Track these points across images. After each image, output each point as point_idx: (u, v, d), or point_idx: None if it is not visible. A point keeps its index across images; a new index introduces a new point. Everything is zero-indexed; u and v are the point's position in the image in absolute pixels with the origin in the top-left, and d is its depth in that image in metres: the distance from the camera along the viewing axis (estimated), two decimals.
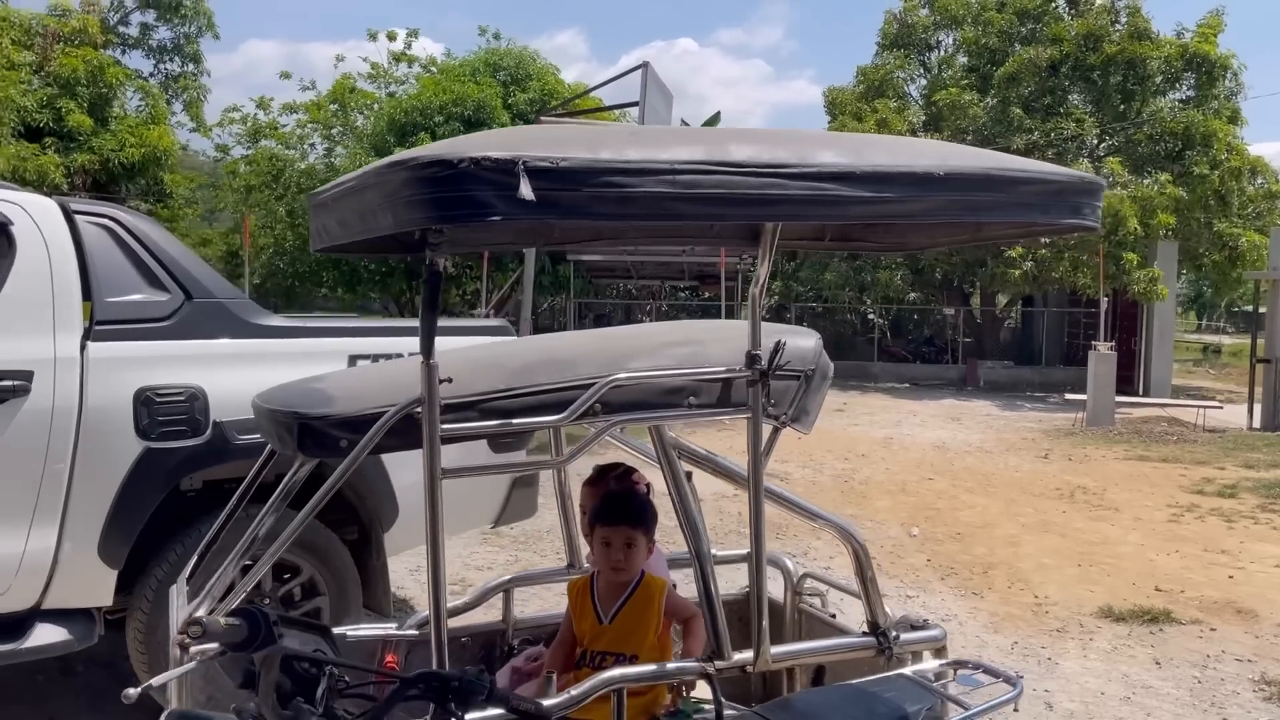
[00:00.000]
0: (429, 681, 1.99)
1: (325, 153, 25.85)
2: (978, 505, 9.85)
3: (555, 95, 23.41)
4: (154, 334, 4.13)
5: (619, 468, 3.19)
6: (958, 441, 14.52)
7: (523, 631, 3.43)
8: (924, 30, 25.07)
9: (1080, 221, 2.15)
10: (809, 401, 2.76)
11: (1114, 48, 21.94)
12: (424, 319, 2.12)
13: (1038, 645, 5.72)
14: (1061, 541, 8.32)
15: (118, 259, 4.14)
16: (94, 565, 3.96)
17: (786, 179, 1.82)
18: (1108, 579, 7.15)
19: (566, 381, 2.46)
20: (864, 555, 2.83)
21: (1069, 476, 11.57)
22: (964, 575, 7.25)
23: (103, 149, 20.48)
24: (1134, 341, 22.28)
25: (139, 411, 3.99)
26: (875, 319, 26.53)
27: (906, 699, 2.23)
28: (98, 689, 4.81)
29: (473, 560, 7.23)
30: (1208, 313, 57.59)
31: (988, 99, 22.93)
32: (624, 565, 2.79)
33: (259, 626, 1.63)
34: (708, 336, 2.78)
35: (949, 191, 1.99)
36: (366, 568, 4.65)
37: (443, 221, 1.66)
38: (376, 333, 4.88)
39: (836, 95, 25.03)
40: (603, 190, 1.70)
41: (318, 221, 2.16)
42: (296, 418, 2.40)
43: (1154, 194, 20.08)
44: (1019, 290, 23.26)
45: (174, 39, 26.68)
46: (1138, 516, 9.37)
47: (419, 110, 22.54)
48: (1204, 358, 37.20)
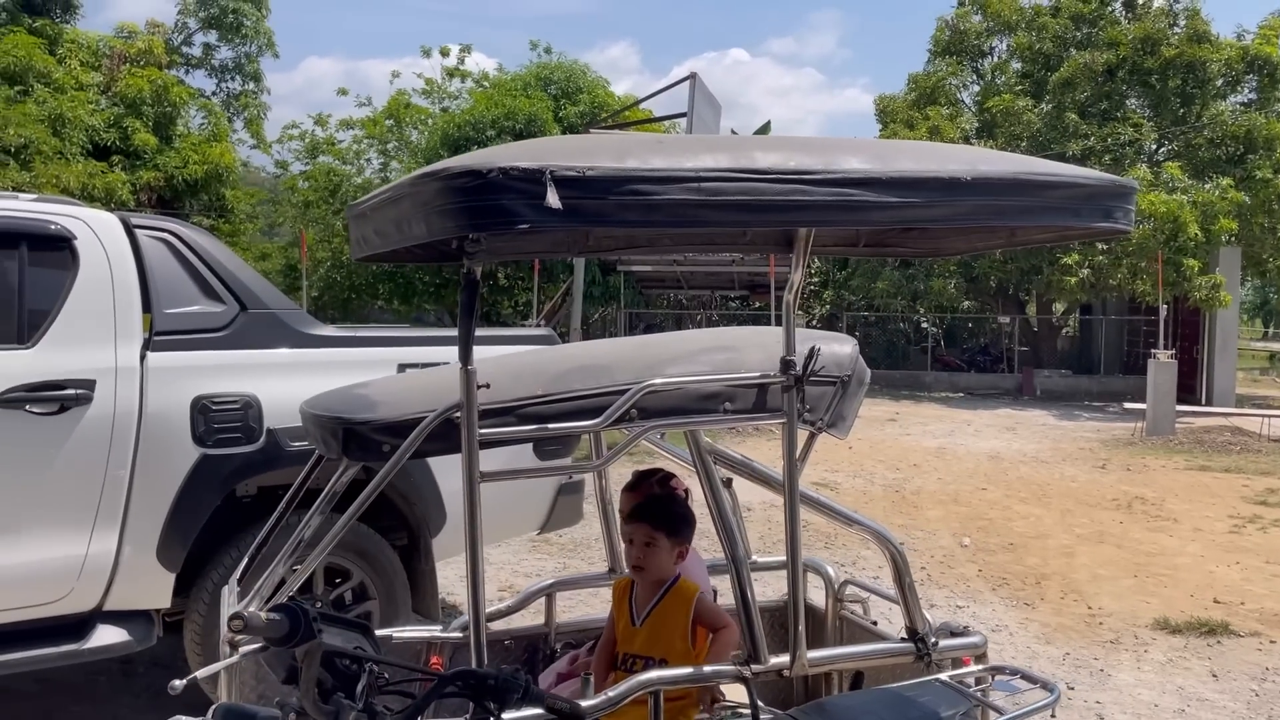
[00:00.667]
0: (466, 679, 2.04)
1: (381, 168, 26.28)
2: (1032, 515, 9.71)
3: (605, 108, 23.57)
4: (210, 344, 4.26)
5: (658, 473, 3.22)
6: (1012, 451, 14.32)
7: (565, 635, 3.47)
8: (977, 36, 24.82)
9: (1112, 225, 2.15)
10: (845, 407, 2.77)
11: (1172, 51, 21.54)
12: (461, 325, 2.18)
13: (1090, 656, 5.63)
14: (1117, 552, 8.17)
15: (176, 271, 4.28)
16: (153, 568, 4.09)
17: (811, 185, 1.85)
18: (1164, 590, 7.01)
19: (603, 387, 2.51)
20: (901, 560, 2.83)
21: (1127, 487, 11.35)
22: (1016, 586, 7.15)
23: (167, 166, 21.04)
24: (1196, 349, 21.78)
25: (196, 419, 4.12)
26: (928, 327, 26.25)
27: (941, 703, 2.23)
28: (158, 690, 4.95)
29: (521, 567, 7.30)
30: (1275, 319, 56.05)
31: (1042, 105, 22.63)
32: (643, 564, 2.82)
33: (299, 622, 1.68)
34: (744, 342, 2.81)
35: (977, 196, 2.00)
36: (415, 573, 4.73)
37: (473, 229, 1.71)
38: (424, 342, 4.97)
39: (888, 103, 24.86)
40: (629, 198, 1.75)
41: (357, 231, 2.23)
42: (341, 423, 2.48)
43: (1215, 199, 19.64)
44: (1076, 298, 22.87)
45: (235, 58, 27.40)
46: (1197, 527, 9.17)
47: (471, 125, 22.83)
48: (1270, 365, 36.23)
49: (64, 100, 19.67)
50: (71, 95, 20.02)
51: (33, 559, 3.85)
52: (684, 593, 2.81)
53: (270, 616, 1.66)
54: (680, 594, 2.81)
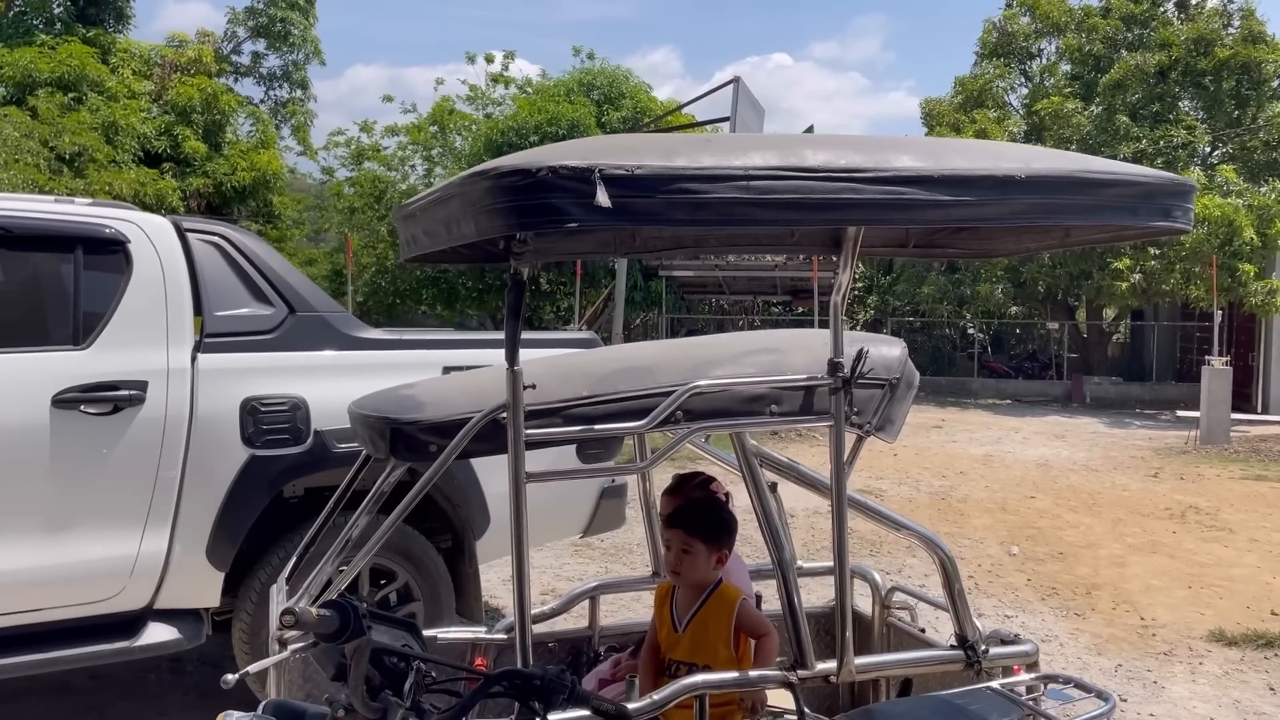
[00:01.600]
0: (512, 679, 2.04)
1: (425, 173, 26.53)
2: (1082, 525, 9.54)
3: (648, 113, 23.61)
4: (259, 346, 4.31)
5: (698, 476, 3.20)
6: (1061, 459, 14.09)
7: (609, 638, 3.47)
8: (1024, 38, 24.52)
9: (1171, 224, 2.09)
10: (894, 410, 2.73)
11: (1226, 52, 21.12)
12: (508, 326, 2.18)
13: (1143, 668, 5.51)
14: (1171, 563, 8.00)
15: (226, 275, 4.34)
16: (203, 567, 4.14)
17: (863, 183, 1.82)
18: (1220, 602, 6.85)
19: (648, 389, 2.50)
20: (951, 567, 2.79)
21: (1180, 496, 11.11)
22: (1066, 595, 7.03)
23: (216, 173, 21.38)
24: (1251, 356, 21.30)
25: (245, 420, 4.17)
26: (975, 333, 25.94)
27: (992, 712, 2.19)
28: (206, 689, 5.01)
29: (563, 571, 7.30)
30: None
31: (1092, 107, 22.29)
32: (680, 570, 2.79)
33: (349, 618, 1.69)
34: (789, 344, 2.78)
35: (1031, 194, 1.96)
36: (459, 575, 4.75)
37: (522, 228, 1.71)
38: (467, 344, 5.00)
39: (933, 106, 24.64)
40: (677, 197, 1.73)
41: (406, 232, 2.24)
42: (389, 423, 2.49)
43: (1271, 202, 19.21)
44: (1127, 303, 22.47)
45: (283, 67, 27.80)
46: (1254, 538, 8.95)
47: (515, 130, 22.97)
48: None
49: (116, 108, 20.06)
50: (124, 103, 20.41)
51: (86, 557, 3.92)
52: (726, 598, 2.78)
53: (321, 613, 1.67)
54: (722, 600, 2.78)
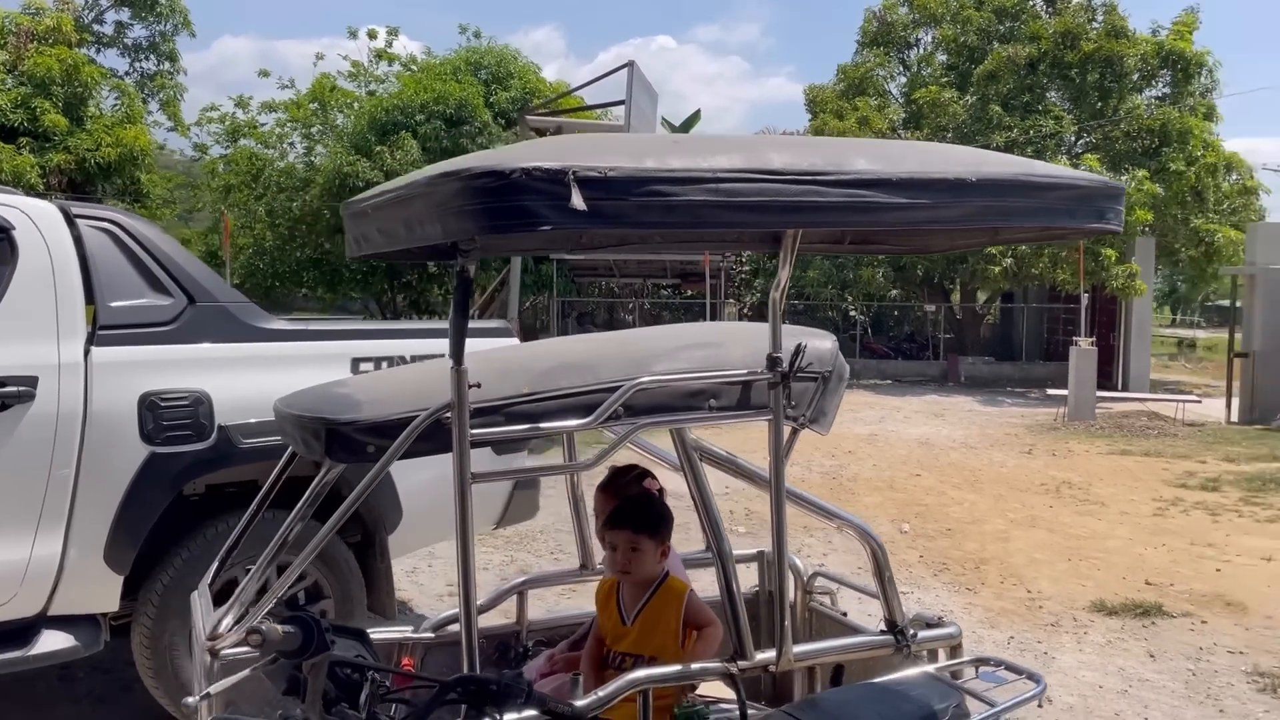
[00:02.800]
0: (467, 685, 2.00)
1: (305, 151, 25.68)
2: (966, 501, 9.93)
3: (537, 94, 23.36)
4: (158, 338, 4.12)
5: (632, 471, 3.20)
6: (942, 437, 14.62)
7: (536, 633, 3.45)
8: (903, 28, 25.18)
9: (1104, 225, 2.19)
10: (827, 403, 2.79)
11: (1091, 45, 22.13)
12: (454, 323, 2.13)
13: (1033, 640, 5.78)
14: (1050, 536, 8.40)
15: (120, 263, 4.13)
16: (100, 571, 3.94)
17: (825, 186, 1.85)
18: (1098, 573, 7.23)
19: (589, 385, 2.48)
20: (882, 554, 2.86)
21: (1054, 471, 11.67)
22: (956, 571, 7.31)
23: (78, 149, 20.24)
24: (1112, 336, 22.49)
25: (144, 416, 3.98)
26: (857, 316, 26.64)
27: (934, 696, 2.26)
28: (99, 695, 4.79)
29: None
30: (1182, 307, 58.18)
31: (967, 97, 23.08)
32: (630, 568, 2.81)
33: (313, 634, 1.64)
34: (725, 339, 2.81)
35: (983, 197, 2.02)
36: (371, 570, 4.65)
37: (494, 231, 1.67)
38: (378, 335, 4.87)
39: (817, 93, 25.11)
40: (648, 199, 1.72)
41: (356, 229, 2.17)
42: (324, 423, 2.41)
43: (1131, 190, 20.27)
44: (999, 286, 23.44)
45: (149, 37, 26.51)
46: (1124, 511, 9.48)
47: (400, 109, 22.42)
48: (1179, 352, 37.60)
49: None
50: None
51: None
52: (675, 591, 2.80)
53: (286, 630, 1.61)
54: (671, 592, 2.80)
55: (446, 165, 1.77)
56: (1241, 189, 22.68)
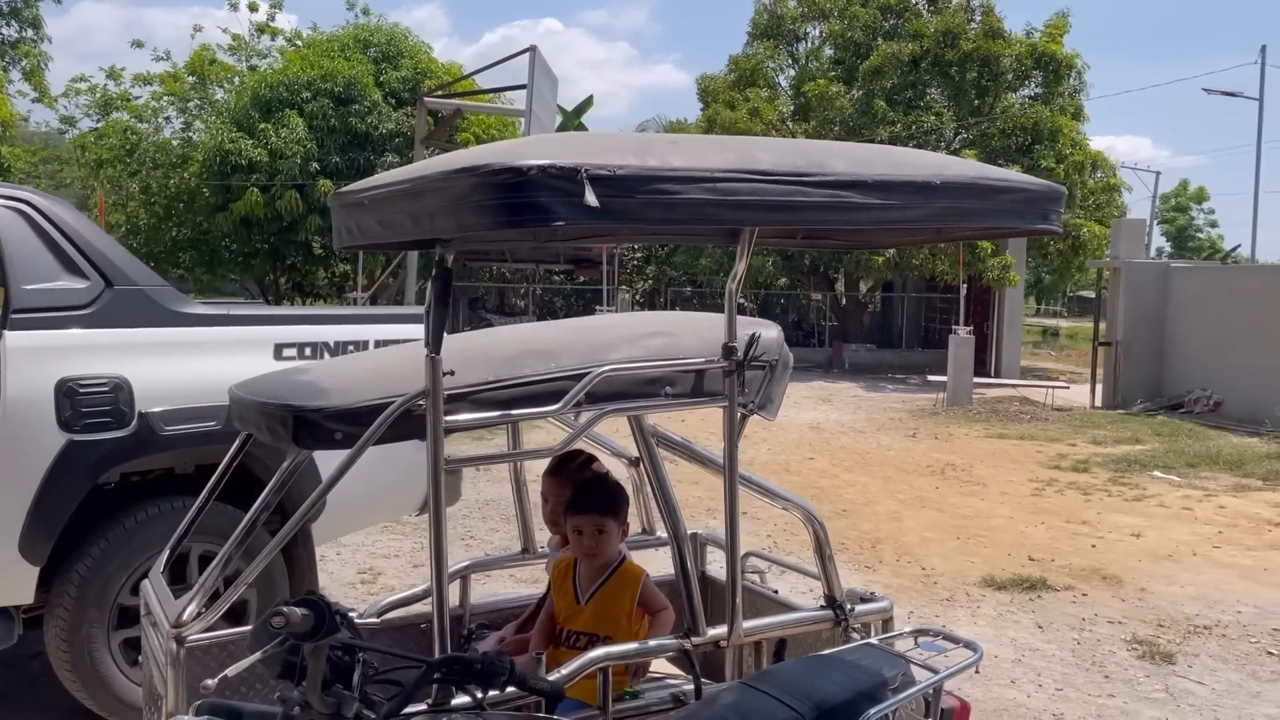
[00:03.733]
0: (452, 665, 2.07)
1: (183, 127, 24.69)
2: (858, 483, 10.31)
3: (429, 74, 23.00)
4: (74, 322, 3.99)
5: (579, 455, 3.28)
6: (831, 422, 15.09)
7: (479, 616, 3.49)
8: (793, 21, 25.67)
9: (1047, 226, 2.37)
10: (773, 390, 2.92)
11: (970, 45, 23.00)
12: (434, 314, 2.17)
13: (931, 614, 6.08)
14: (939, 516, 8.81)
15: (34, 245, 3.98)
16: (15, 562, 3.82)
17: (810, 186, 1.96)
18: (985, 550, 7.63)
19: (554, 372, 2.55)
20: (823, 534, 3.01)
21: (938, 454, 12.20)
22: (855, 550, 7.61)
23: None
24: (987, 326, 23.50)
25: (61, 403, 3.86)
26: (745, 303, 27.13)
27: (882, 665, 2.41)
28: (4, 692, 4.62)
29: (377, 549, 7.17)
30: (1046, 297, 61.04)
31: (853, 91, 23.71)
32: (597, 550, 2.90)
33: (324, 616, 1.67)
34: (678, 328, 2.90)
35: (944, 199, 2.16)
36: (293, 559, 4.60)
37: (511, 226, 1.72)
38: (301, 320, 4.80)
39: (709, 83, 25.41)
40: (653, 197, 1.80)
41: (349, 219, 2.17)
42: (291, 410, 2.41)
43: None
44: (881, 276, 24.21)
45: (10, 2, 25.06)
46: (1004, 491, 9.99)
47: (285, 85, 21.80)
48: (1044, 340, 39.48)
49: None
50: None
51: None
52: (631, 574, 2.90)
53: (304, 613, 1.64)
54: (628, 575, 2.89)
55: (458, 161, 1.81)
56: (1106, 186, 23.94)
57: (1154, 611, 6.20)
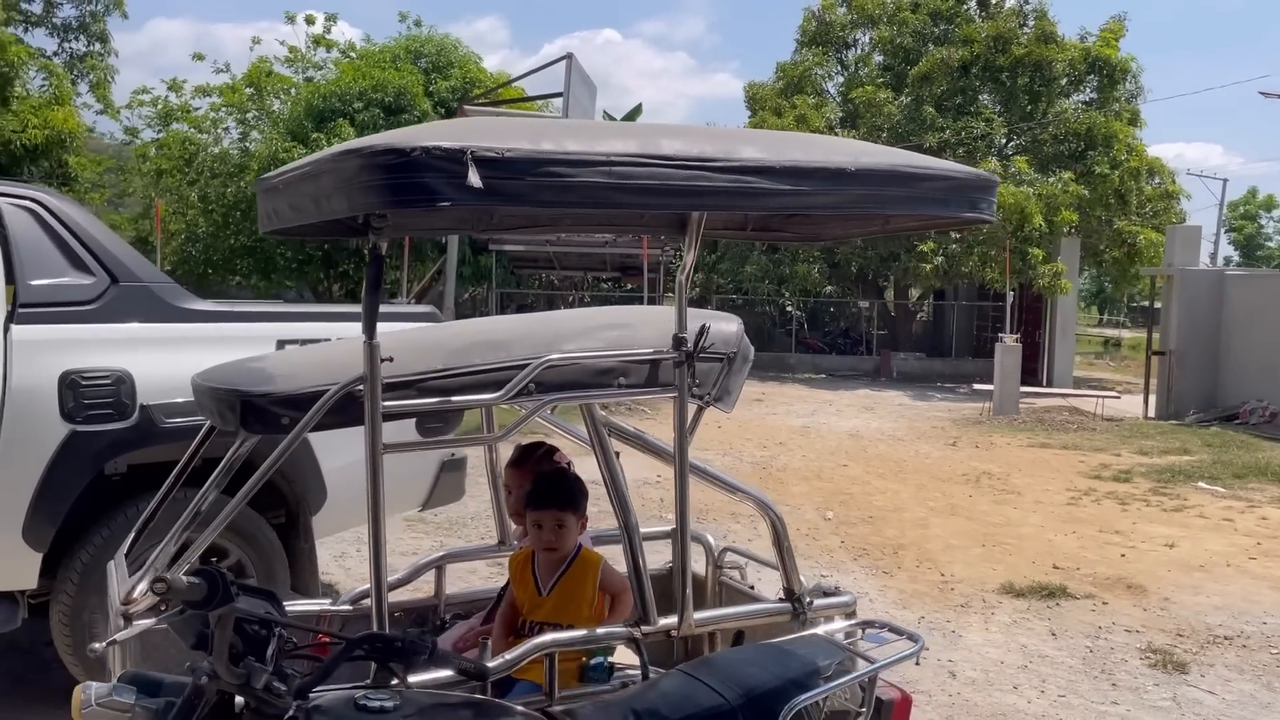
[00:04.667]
0: (374, 642, 2.10)
1: (240, 137, 25.29)
2: (889, 490, 10.20)
3: (478, 84, 23.27)
4: (79, 317, 4.13)
5: (541, 447, 3.31)
6: (871, 430, 14.95)
7: (454, 606, 3.54)
8: (841, 28, 25.58)
9: (977, 215, 2.35)
10: (731, 382, 2.92)
11: (1022, 50, 22.69)
12: (367, 300, 2.22)
13: (943, 619, 6.01)
14: (967, 524, 8.69)
15: (42, 242, 4.13)
16: (19, 548, 3.95)
17: (713, 172, 1.98)
18: (1009, 558, 7.51)
19: (501, 362, 2.58)
20: (780, 526, 3.01)
21: (975, 463, 12.03)
22: (875, 555, 7.54)
23: (4, 130, 19.72)
24: (1038, 334, 23.11)
25: (64, 395, 3.99)
26: (793, 311, 27.01)
27: (819, 654, 2.41)
28: (17, 674, 4.78)
29: (398, 546, 7.27)
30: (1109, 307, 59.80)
31: (902, 97, 23.52)
32: (556, 545, 2.93)
33: (217, 585, 1.72)
34: (636, 320, 2.93)
35: (860, 186, 2.17)
36: (294, 551, 4.70)
37: (395, 206, 1.77)
38: (302, 317, 4.92)
39: (756, 90, 25.40)
40: (544, 179, 1.83)
41: (268, 205, 2.24)
42: (239, 395, 2.48)
43: (1058, 191, 20.85)
44: (930, 284, 23.93)
45: (79, 17, 25.83)
46: (1038, 500, 9.82)
47: (338, 96, 22.19)
48: (1105, 350, 38.70)
49: None
50: None
51: None
52: (590, 562, 2.93)
53: (190, 580, 1.69)
54: (586, 563, 2.92)
55: (352, 143, 1.86)
56: (1163, 193, 23.43)
57: (1175, 621, 6.05)
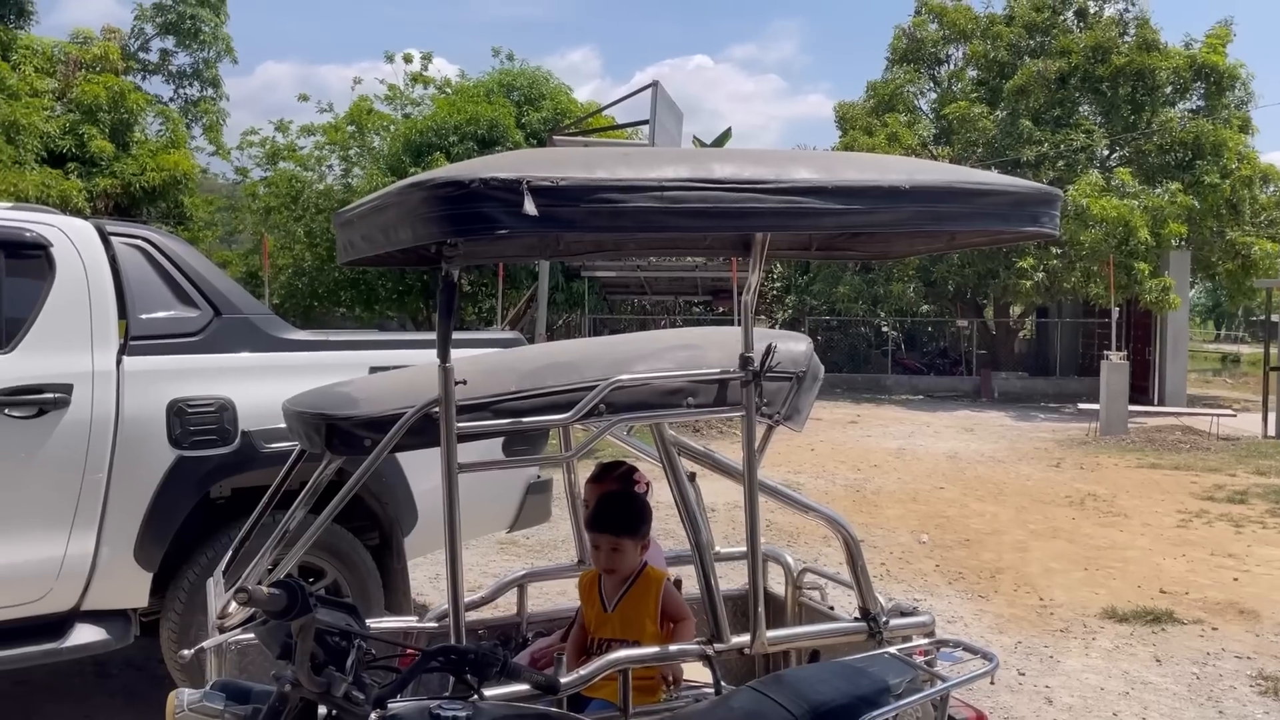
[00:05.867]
0: (448, 654, 2.18)
1: (343, 174, 26.22)
2: (988, 513, 9.97)
3: (568, 114, 23.69)
4: (185, 348, 4.36)
5: (621, 466, 3.37)
6: (970, 451, 14.62)
7: (536, 624, 3.61)
8: (933, 45, 25.28)
9: (1039, 229, 2.34)
10: (800, 401, 2.94)
11: (1122, 59, 22.09)
12: (440, 325, 2.32)
13: (1040, 645, 5.85)
14: (1069, 547, 8.43)
15: (151, 278, 4.38)
16: (130, 568, 4.17)
17: (765, 194, 2.02)
18: (1113, 582, 7.27)
19: (572, 384, 2.66)
20: (854, 545, 3.00)
21: (1080, 484, 11.66)
22: (971, 580, 7.38)
23: (124, 173, 20.84)
24: (1148, 351, 22.31)
25: (172, 422, 4.22)
26: (889, 331, 26.63)
27: (889, 672, 2.40)
28: (133, 690, 5.02)
29: (489, 568, 7.41)
30: (1226, 322, 57.32)
31: (997, 111, 23.09)
32: (615, 567, 2.98)
33: (296, 597, 1.82)
34: (705, 341, 2.97)
35: (916, 203, 2.18)
36: (387, 571, 4.84)
37: (455, 235, 1.86)
38: (393, 345, 5.10)
39: (846, 110, 25.26)
40: (598, 206, 1.90)
41: (344, 237, 2.37)
42: (324, 419, 2.60)
43: (1164, 203, 20.16)
44: (1031, 301, 23.35)
45: (193, 64, 27.18)
46: (1146, 522, 9.47)
47: (434, 131, 22.87)
48: (1222, 367, 37.09)
49: (18, 107, 19.44)
50: (26, 102, 19.78)
51: (12, 560, 3.92)
52: (653, 579, 2.97)
53: (271, 591, 1.79)
54: (649, 580, 2.97)
55: (416, 177, 1.96)
56: (1278, 201, 22.45)
57: None
